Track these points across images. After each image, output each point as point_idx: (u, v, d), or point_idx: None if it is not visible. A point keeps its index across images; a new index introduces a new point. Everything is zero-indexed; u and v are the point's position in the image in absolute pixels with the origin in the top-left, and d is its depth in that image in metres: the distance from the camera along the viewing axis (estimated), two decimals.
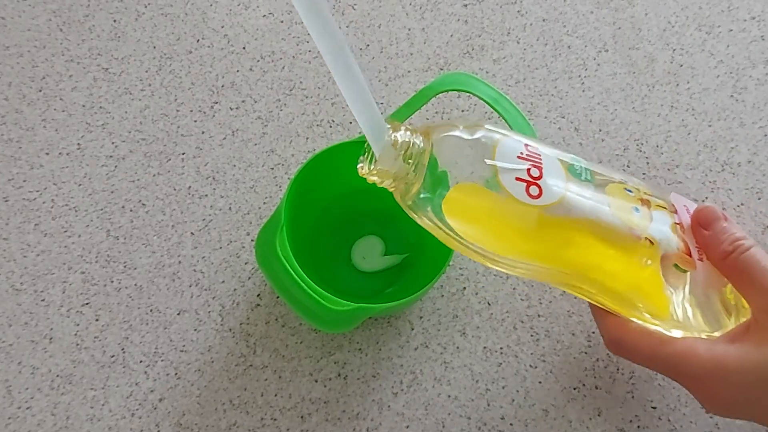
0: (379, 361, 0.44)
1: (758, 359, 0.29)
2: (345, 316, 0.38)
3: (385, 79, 0.54)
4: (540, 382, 0.44)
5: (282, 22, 0.56)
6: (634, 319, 0.33)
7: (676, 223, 0.33)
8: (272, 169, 0.50)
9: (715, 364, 0.30)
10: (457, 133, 0.31)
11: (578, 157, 0.34)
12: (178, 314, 0.45)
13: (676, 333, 0.33)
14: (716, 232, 0.33)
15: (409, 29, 0.56)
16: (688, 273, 0.32)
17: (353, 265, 0.47)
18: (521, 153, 0.31)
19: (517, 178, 0.30)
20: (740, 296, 0.33)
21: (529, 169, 0.30)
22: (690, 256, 0.33)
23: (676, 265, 0.32)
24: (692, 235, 0.34)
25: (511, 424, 0.42)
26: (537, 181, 0.30)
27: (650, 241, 0.32)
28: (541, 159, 0.31)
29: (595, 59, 0.55)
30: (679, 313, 0.32)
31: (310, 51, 0.55)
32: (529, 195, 0.30)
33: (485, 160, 0.30)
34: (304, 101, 0.53)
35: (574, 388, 0.43)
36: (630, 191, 0.33)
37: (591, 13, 0.57)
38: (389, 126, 0.31)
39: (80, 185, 0.49)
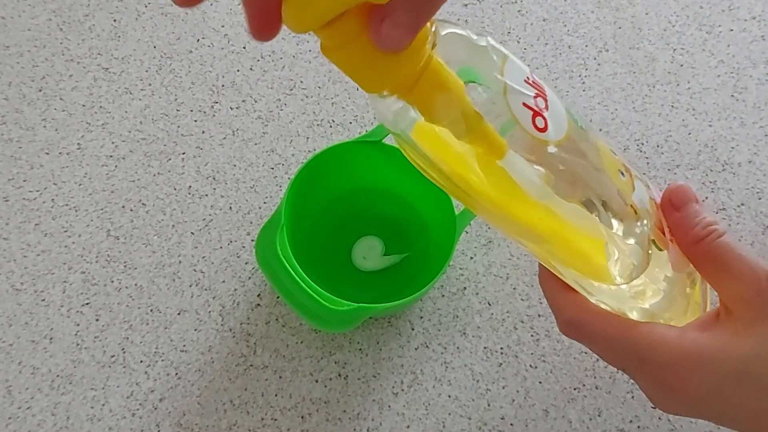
0: (379, 361, 0.44)
1: (736, 350, 0.27)
2: (345, 316, 0.38)
3: None
4: (540, 382, 0.44)
5: None
6: (594, 300, 0.31)
7: (651, 197, 0.31)
8: (272, 168, 0.50)
9: (688, 352, 0.28)
10: (464, 32, 0.26)
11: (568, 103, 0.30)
12: (179, 314, 0.45)
13: (637, 316, 0.31)
14: (688, 215, 0.30)
15: None
16: (664, 252, 0.30)
17: (353, 265, 0.47)
18: (527, 78, 0.27)
19: (524, 104, 0.26)
20: (695, 286, 0.31)
21: (536, 97, 0.26)
22: (664, 234, 0.31)
23: (653, 241, 0.30)
24: (663, 215, 0.31)
25: (511, 424, 0.42)
26: (543, 113, 0.26)
27: (634, 210, 0.29)
28: (545, 91, 0.27)
29: (595, 59, 0.55)
30: (649, 293, 0.31)
31: (310, 50, 0.55)
32: (535, 126, 0.26)
33: (494, 73, 0.26)
34: (305, 101, 0.53)
35: (574, 388, 0.43)
36: (615, 154, 0.31)
37: (591, 13, 0.57)
38: None
39: (80, 185, 0.49)
